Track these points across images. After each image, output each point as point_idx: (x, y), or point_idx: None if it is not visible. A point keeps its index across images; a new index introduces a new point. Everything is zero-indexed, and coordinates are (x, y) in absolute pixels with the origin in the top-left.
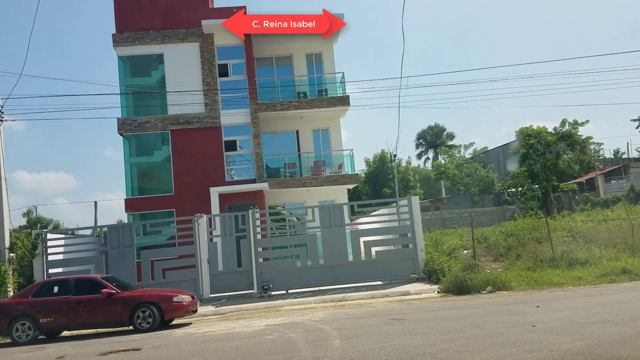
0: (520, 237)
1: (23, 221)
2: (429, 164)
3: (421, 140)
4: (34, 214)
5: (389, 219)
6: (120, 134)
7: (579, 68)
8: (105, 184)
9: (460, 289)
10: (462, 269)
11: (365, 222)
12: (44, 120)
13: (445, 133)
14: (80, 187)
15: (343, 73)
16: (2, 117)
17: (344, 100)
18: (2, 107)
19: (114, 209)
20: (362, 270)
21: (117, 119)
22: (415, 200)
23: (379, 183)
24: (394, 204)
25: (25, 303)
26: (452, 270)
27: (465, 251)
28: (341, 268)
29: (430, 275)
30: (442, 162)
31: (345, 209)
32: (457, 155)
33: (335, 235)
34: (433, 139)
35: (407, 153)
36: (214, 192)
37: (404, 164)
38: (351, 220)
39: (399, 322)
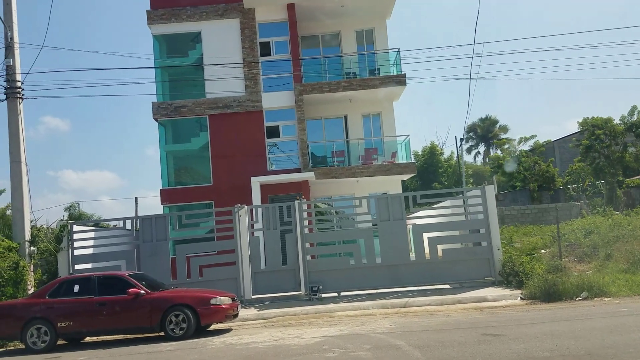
0: (602, 235)
1: (65, 216)
2: (479, 159)
3: (471, 134)
4: (76, 209)
5: (453, 212)
6: (156, 120)
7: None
8: (147, 182)
9: (548, 294)
10: (546, 271)
11: (428, 216)
12: (87, 121)
13: (497, 126)
14: (124, 185)
15: (399, 49)
16: (23, 94)
17: (400, 80)
18: (22, 82)
19: (155, 206)
20: (426, 271)
21: (152, 103)
22: (490, 191)
23: (428, 178)
24: (460, 196)
25: (41, 304)
26: (537, 273)
27: (543, 250)
28: (401, 268)
29: (509, 278)
30: (500, 154)
31: (407, 199)
32: (516, 147)
33: (395, 230)
34: (484, 132)
35: (456, 147)
36: (255, 183)
37: (454, 159)
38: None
39: (496, 339)
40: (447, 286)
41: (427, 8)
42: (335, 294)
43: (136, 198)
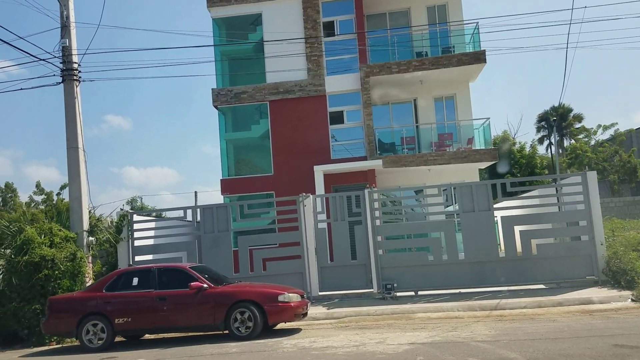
0: None
1: (127, 209)
2: (552, 150)
3: (543, 123)
4: (138, 202)
5: (542, 202)
6: (215, 107)
7: None
8: (204, 178)
9: None
10: None
11: (515, 207)
12: (150, 119)
13: (572, 114)
14: (183, 181)
15: (477, 23)
16: (80, 76)
17: (478, 57)
18: (79, 64)
19: (213, 201)
20: (517, 269)
21: (212, 89)
22: (593, 178)
23: (495, 170)
24: (553, 184)
25: (97, 298)
26: None
27: None
28: (488, 266)
29: (616, 277)
30: (576, 144)
31: (492, 187)
32: (593, 137)
33: (480, 222)
34: (557, 121)
35: (526, 137)
36: (319, 172)
37: (528, 149)
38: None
39: (637, 352)
40: (542, 286)
41: None
42: (412, 293)
43: (195, 192)
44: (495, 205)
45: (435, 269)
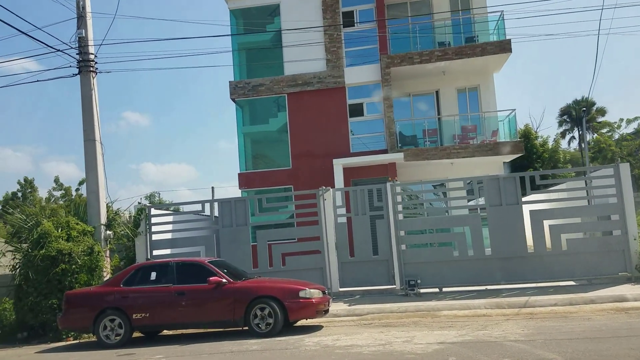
0: None
1: (145, 203)
2: (574, 145)
3: (565, 117)
4: (156, 198)
5: (570, 195)
6: (233, 100)
7: None
8: (221, 174)
9: None
10: None
11: (542, 201)
12: (167, 116)
13: (594, 108)
14: (200, 177)
15: (502, 12)
16: (96, 68)
17: (504, 46)
18: (95, 55)
19: (230, 196)
20: (546, 265)
21: (230, 82)
22: (626, 170)
23: (522, 164)
24: (583, 177)
25: (115, 293)
26: None
27: None
28: (516, 261)
29: None
30: (600, 137)
31: (521, 180)
32: (617, 131)
33: (509, 217)
34: (579, 115)
35: (548, 131)
36: (338, 165)
37: (550, 143)
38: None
39: None
40: (572, 283)
41: None
42: (436, 290)
43: (212, 187)
44: (524, 199)
45: (461, 264)
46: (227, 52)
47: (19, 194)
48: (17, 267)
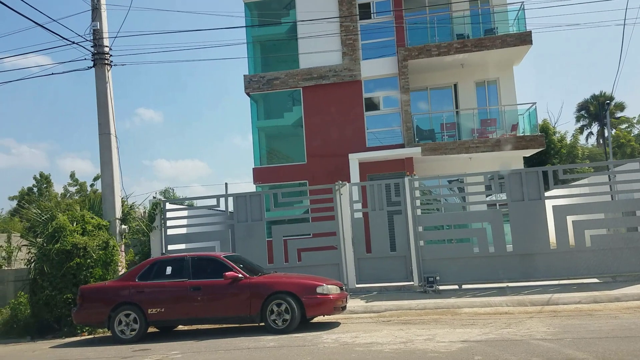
0: None
1: (160, 198)
2: (591, 140)
3: (582, 112)
4: (170, 194)
5: (592, 190)
6: (247, 94)
7: None
8: (234, 170)
9: None
10: None
11: (569, 196)
12: (179, 113)
13: (613, 103)
14: (213, 173)
15: (522, 3)
16: (111, 60)
17: (524, 38)
18: (110, 48)
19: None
20: (568, 262)
21: (244, 76)
22: None
23: (539, 160)
24: (606, 172)
25: (130, 287)
26: None
27: None
28: (538, 258)
29: None
30: (619, 132)
31: (542, 175)
32: (637, 126)
33: (531, 212)
34: (597, 110)
35: (566, 126)
36: (354, 160)
37: (569, 139)
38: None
39: None
40: (595, 280)
41: None
42: (455, 287)
43: (226, 183)
44: (546, 194)
45: (481, 261)
46: (242, 43)
47: (35, 190)
48: (32, 261)
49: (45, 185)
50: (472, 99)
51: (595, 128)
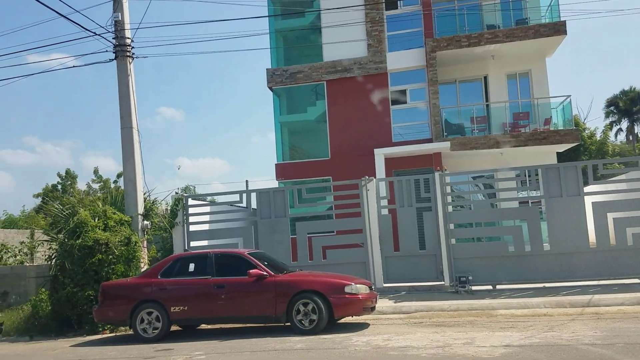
0: None
1: (182, 193)
2: (621, 137)
3: (612, 108)
4: (191, 191)
5: (629, 187)
6: (270, 88)
7: None
8: (253, 168)
9: None
10: None
11: (610, 192)
12: (201, 110)
13: None
14: (233, 171)
15: None
16: (133, 53)
17: (558, 28)
18: (131, 39)
19: None
20: (609, 261)
21: (267, 70)
22: None
23: (569, 157)
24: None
25: (152, 285)
26: None
27: None
28: (576, 257)
29: None
30: None
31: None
32: None
33: (569, 209)
34: (627, 105)
35: (596, 122)
36: (379, 155)
37: (598, 135)
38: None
39: None
40: (637, 280)
41: None
42: (489, 287)
43: (247, 181)
44: (585, 189)
45: (516, 260)
46: (264, 33)
47: (59, 187)
48: (52, 257)
49: (69, 183)
50: (502, 91)
51: (624, 124)
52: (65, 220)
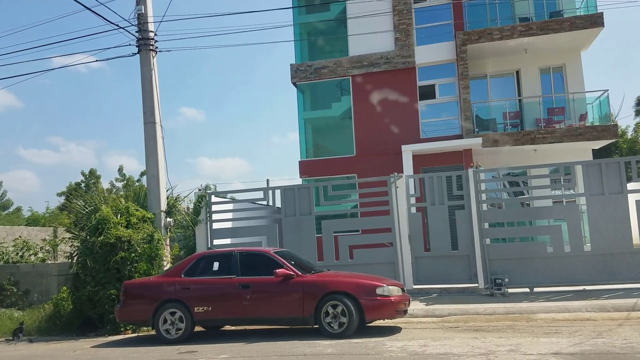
0: None
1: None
2: None
3: None
4: (212, 189)
5: None
6: (294, 84)
7: None
8: (273, 168)
9: None
10: None
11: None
12: (222, 109)
13: None
14: (253, 171)
15: None
16: (156, 46)
17: (595, 20)
18: (155, 33)
19: None
20: None
21: (291, 65)
22: None
23: (599, 156)
24: None
25: (176, 284)
26: None
27: None
28: (619, 258)
29: None
30: None
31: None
32: None
33: (612, 207)
34: None
35: (627, 120)
36: (407, 152)
37: (630, 133)
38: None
39: None
40: None
41: None
42: (526, 290)
43: (267, 180)
44: (628, 187)
45: (555, 262)
46: (289, 25)
47: (82, 185)
48: (74, 254)
49: (93, 181)
50: (536, 86)
51: None
52: (87, 217)
